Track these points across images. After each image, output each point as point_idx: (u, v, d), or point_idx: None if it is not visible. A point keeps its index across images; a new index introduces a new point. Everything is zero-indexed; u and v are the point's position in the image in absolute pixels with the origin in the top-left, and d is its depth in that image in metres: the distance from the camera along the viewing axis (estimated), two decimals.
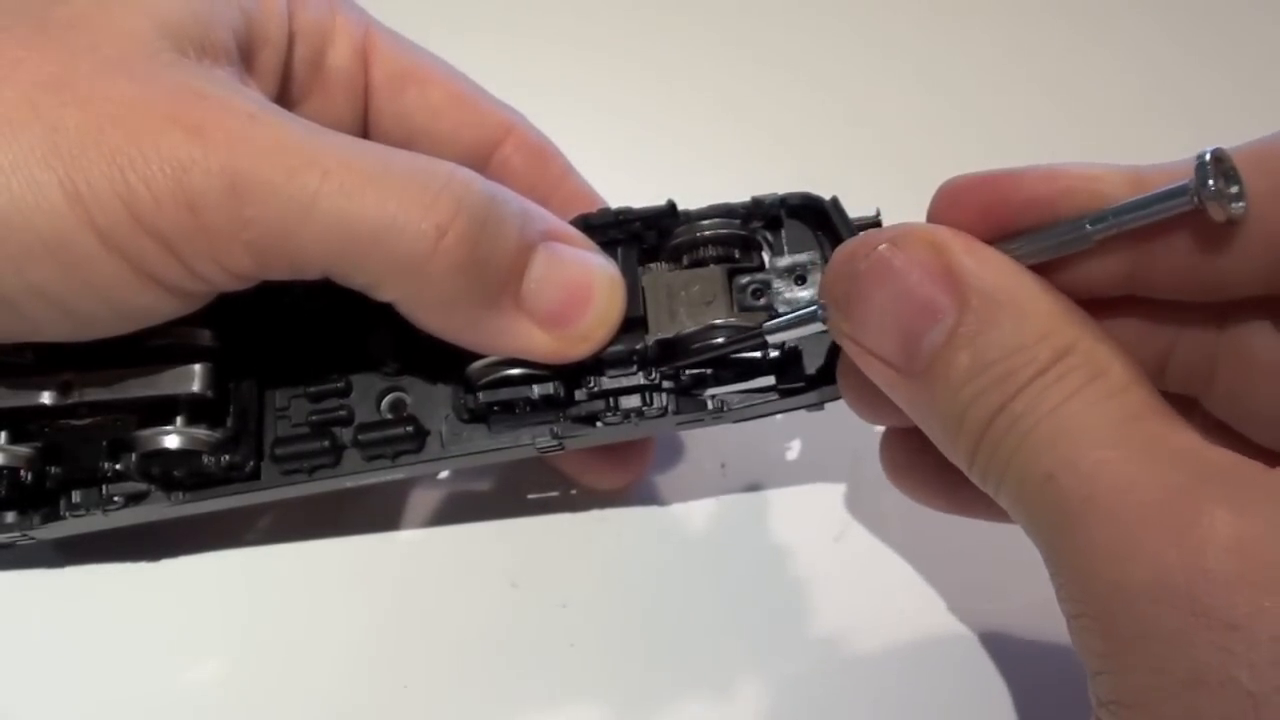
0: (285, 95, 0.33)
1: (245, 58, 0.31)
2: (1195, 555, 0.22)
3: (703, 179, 0.41)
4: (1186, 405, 0.29)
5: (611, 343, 0.32)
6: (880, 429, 0.37)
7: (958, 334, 0.25)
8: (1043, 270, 0.26)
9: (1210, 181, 0.24)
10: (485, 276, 0.29)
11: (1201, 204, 0.24)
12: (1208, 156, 0.24)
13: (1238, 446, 0.28)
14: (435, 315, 0.30)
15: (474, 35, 0.37)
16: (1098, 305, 0.27)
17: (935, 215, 0.28)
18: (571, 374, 0.32)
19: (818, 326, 0.29)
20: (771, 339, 0.30)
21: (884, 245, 0.26)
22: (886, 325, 0.26)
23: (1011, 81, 0.48)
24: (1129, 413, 0.24)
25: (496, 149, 0.37)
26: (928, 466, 0.32)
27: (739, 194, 0.34)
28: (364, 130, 0.36)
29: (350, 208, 0.27)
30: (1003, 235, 0.27)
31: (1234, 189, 0.24)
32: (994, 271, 0.25)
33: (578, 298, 0.30)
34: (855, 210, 0.33)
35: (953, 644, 0.37)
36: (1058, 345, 0.24)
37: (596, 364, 0.32)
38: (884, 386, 0.27)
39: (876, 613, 0.38)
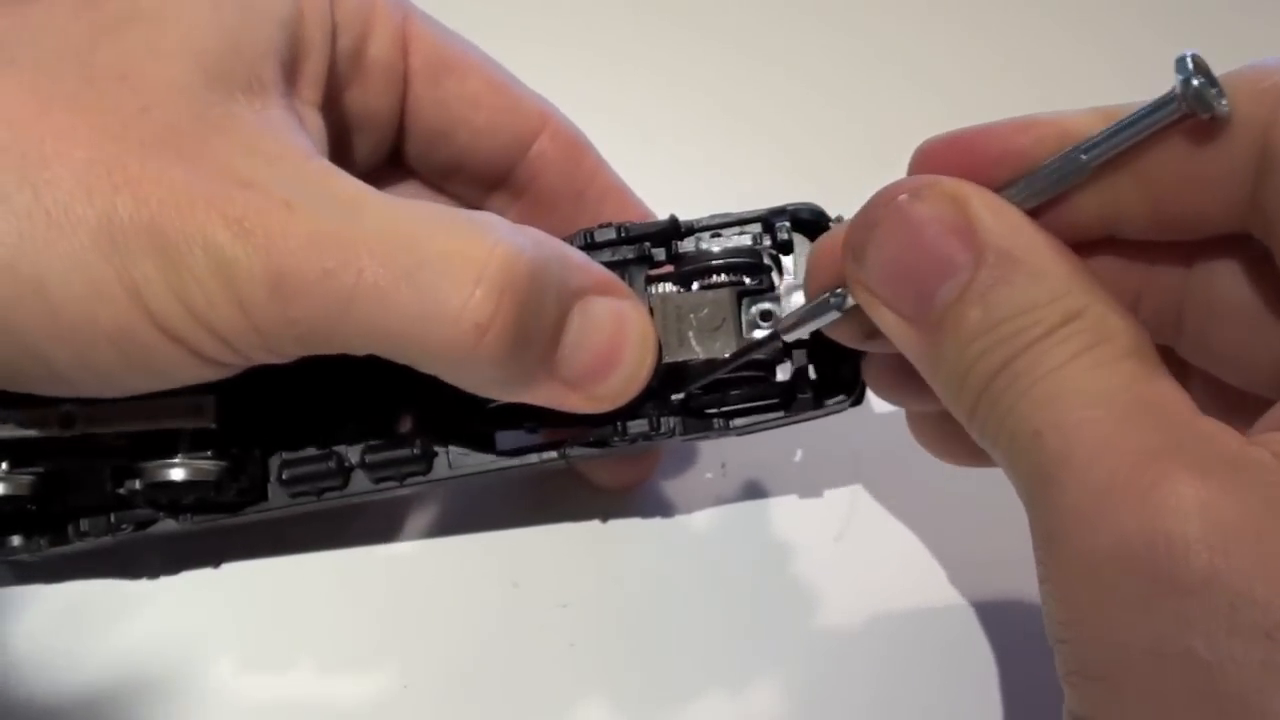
0: (328, 91, 0.32)
1: (290, 74, 0.30)
2: (1155, 519, 0.21)
3: (704, 182, 0.40)
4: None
5: None
6: (879, 429, 0.38)
7: (971, 289, 0.25)
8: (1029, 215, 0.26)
9: (1194, 80, 0.23)
10: (526, 356, 0.28)
11: (1188, 104, 0.23)
12: (1187, 56, 0.23)
13: (1217, 392, 0.29)
14: (473, 386, 0.29)
15: (473, 38, 0.36)
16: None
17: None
18: None
19: (834, 315, 0.28)
20: (788, 337, 0.30)
21: (904, 195, 0.26)
22: (901, 276, 0.26)
23: (1018, 88, 0.47)
24: (1127, 378, 0.24)
25: (534, 140, 0.36)
26: (950, 437, 0.32)
27: (740, 195, 0.34)
28: (401, 119, 0.35)
29: (387, 307, 0.26)
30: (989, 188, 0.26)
31: (1214, 89, 0.24)
32: (1012, 229, 0.25)
33: (609, 360, 0.30)
34: None
35: (954, 643, 0.37)
36: (1069, 308, 0.24)
37: None
38: (893, 337, 0.27)
39: (877, 612, 0.38)
